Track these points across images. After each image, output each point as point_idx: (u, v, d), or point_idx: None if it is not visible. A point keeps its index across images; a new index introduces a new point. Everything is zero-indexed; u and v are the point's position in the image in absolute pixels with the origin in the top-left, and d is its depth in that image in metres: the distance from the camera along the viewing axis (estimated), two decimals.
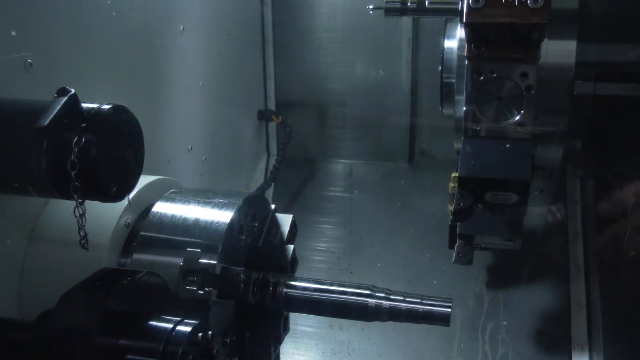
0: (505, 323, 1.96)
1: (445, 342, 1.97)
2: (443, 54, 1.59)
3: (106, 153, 0.93)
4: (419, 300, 1.15)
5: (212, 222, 1.12)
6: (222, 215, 1.13)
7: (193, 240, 1.09)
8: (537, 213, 2.08)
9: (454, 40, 1.56)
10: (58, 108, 0.92)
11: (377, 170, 2.55)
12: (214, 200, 1.17)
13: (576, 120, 1.49)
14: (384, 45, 2.43)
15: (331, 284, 1.20)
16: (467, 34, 1.35)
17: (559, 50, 1.44)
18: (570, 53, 1.44)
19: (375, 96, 2.49)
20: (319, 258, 2.34)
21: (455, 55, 1.55)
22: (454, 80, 1.56)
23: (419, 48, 2.40)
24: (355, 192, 2.51)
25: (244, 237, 1.17)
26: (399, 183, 2.48)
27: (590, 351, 1.79)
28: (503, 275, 1.66)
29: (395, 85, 2.44)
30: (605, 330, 1.76)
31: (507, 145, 1.40)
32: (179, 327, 0.90)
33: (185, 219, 1.13)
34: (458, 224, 1.45)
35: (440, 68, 1.61)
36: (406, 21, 2.35)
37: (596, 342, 1.78)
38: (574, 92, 1.44)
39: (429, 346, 1.94)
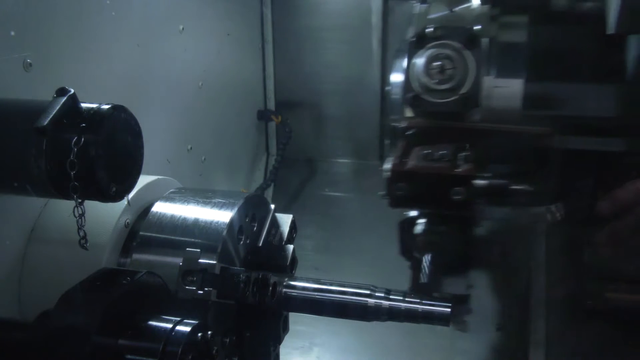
0: (466, 319, 1.96)
1: (409, 338, 1.97)
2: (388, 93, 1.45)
3: (105, 153, 0.93)
4: (418, 300, 1.15)
5: (211, 222, 1.12)
6: (222, 215, 1.13)
7: (192, 240, 1.09)
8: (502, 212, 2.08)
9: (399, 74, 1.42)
10: (57, 108, 0.92)
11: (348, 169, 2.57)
12: (213, 200, 1.17)
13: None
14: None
15: (331, 284, 1.20)
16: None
17: (505, 91, 1.33)
18: (516, 93, 1.32)
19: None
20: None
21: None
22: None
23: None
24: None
25: (243, 237, 1.17)
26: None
27: (547, 346, 1.80)
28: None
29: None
30: (562, 325, 1.78)
31: None
32: (178, 327, 0.90)
33: (184, 219, 1.13)
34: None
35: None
36: (376, 22, 2.36)
37: (553, 337, 1.80)
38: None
39: (393, 341, 1.93)
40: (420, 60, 1.26)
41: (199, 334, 0.91)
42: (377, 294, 1.17)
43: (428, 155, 1.20)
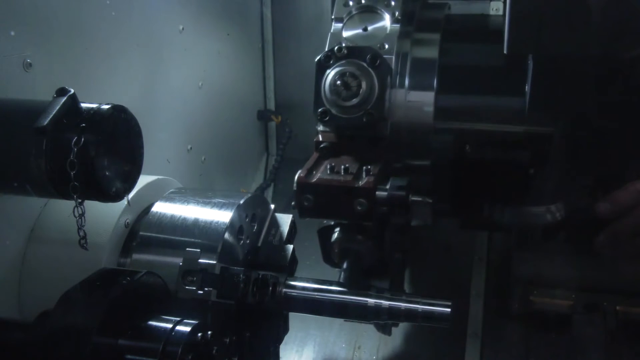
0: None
1: (351, 332, 1.96)
2: None
3: (105, 153, 0.93)
4: (418, 300, 1.15)
5: (211, 222, 1.12)
6: (222, 215, 1.13)
7: (192, 240, 1.09)
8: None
9: None
10: (57, 108, 0.92)
11: None
12: (213, 200, 1.17)
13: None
14: None
15: (331, 284, 1.20)
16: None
17: (417, 103, 1.36)
18: (428, 105, 1.36)
19: None
20: None
21: None
22: None
23: None
24: None
25: (243, 237, 1.17)
26: None
27: (483, 339, 1.82)
28: (409, 266, 1.68)
29: None
30: (498, 319, 1.82)
31: None
32: (178, 327, 0.90)
33: (184, 219, 1.13)
34: None
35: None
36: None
37: (489, 330, 1.83)
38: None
39: (335, 334, 1.93)
40: (328, 77, 1.32)
41: (199, 334, 0.91)
42: (377, 294, 1.17)
43: (333, 168, 1.25)
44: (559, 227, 1.43)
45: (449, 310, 1.14)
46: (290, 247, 1.32)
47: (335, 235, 1.29)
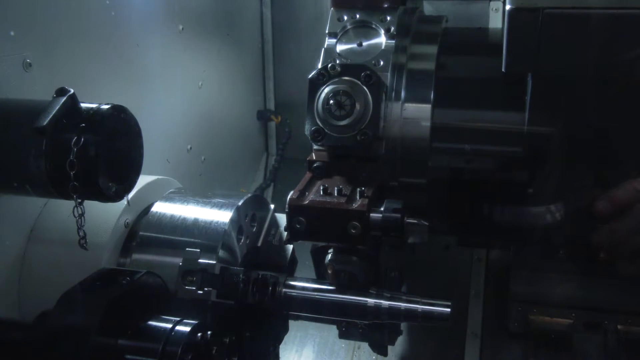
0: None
1: None
2: None
3: (105, 153, 0.93)
4: (418, 300, 1.15)
5: (211, 222, 1.12)
6: (221, 215, 1.13)
7: (192, 240, 1.10)
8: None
9: None
10: (57, 108, 0.92)
11: None
12: (213, 200, 1.17)
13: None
14: None
15: (330, 284, 1.20)
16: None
17: (413, 118, 1.32)
18: (425, 119, 1.32)
19: None
20: None
21: None
22: None
23: None
24: None
25: (243, 237, 1.17)
26: None
27: (482, 339, 1.83)
28: (408, 266, 1.67)
29: None
30: (496, 319, 1.82)
31: None
32: (178, 327, 0.90)
33: (184, 219, 1.13)
34: None
35: None
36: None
37: (488, 330, 1.84)
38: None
39: (335, 334, 1.93)
40: (321, 95, 1.29)
41: (199, 334, 0.91)
42: (377, 294, 1.17)
43: (326, 190, 1.20)
44: (558, 245, 1.42)
45: (448, 310, 1.14)
46: (290, 247, 1.32)
47: (329, 256, 1.26)
